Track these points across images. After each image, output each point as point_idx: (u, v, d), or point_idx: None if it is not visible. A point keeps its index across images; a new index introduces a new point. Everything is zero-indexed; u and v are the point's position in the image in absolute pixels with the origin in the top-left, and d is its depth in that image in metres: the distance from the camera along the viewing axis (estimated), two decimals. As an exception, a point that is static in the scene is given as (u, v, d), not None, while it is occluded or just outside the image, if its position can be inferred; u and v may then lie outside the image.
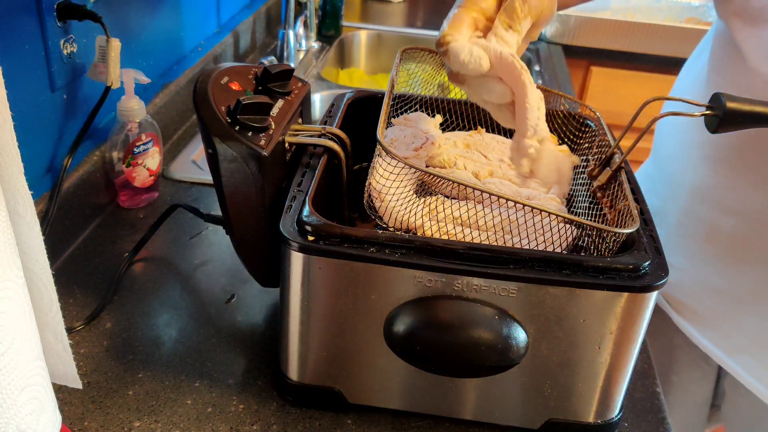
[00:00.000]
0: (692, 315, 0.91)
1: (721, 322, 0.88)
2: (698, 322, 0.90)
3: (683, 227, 0.89)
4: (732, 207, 0.82)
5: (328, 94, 1.49)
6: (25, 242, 0.52)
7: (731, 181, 0.82)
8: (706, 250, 0.87)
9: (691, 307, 0.90)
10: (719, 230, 0.84)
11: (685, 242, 0.89)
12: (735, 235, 0.83)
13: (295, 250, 0.60)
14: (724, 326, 0.88)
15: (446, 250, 0.59)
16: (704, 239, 0.86)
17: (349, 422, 0.68)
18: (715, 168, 0.83)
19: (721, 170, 0.83)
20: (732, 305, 0.86)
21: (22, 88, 0.81)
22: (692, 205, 0.87)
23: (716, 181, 0.83)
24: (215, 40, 1.38)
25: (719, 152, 0.82)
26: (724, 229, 0.84)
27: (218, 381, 0.72)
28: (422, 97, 0.84)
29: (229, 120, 0.64)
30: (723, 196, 0.83)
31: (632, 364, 0.64)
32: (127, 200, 1.00)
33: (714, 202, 0.84)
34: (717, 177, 0.83)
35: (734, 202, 0.82)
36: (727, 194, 0.83)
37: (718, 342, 0.89)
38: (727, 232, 0.84)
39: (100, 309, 0.80)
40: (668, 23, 1.96)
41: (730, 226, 0.83)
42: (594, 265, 0.59)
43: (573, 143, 0.81)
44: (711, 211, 0.85)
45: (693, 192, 0.87)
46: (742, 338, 0.87)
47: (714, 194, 0.84)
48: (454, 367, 0.63)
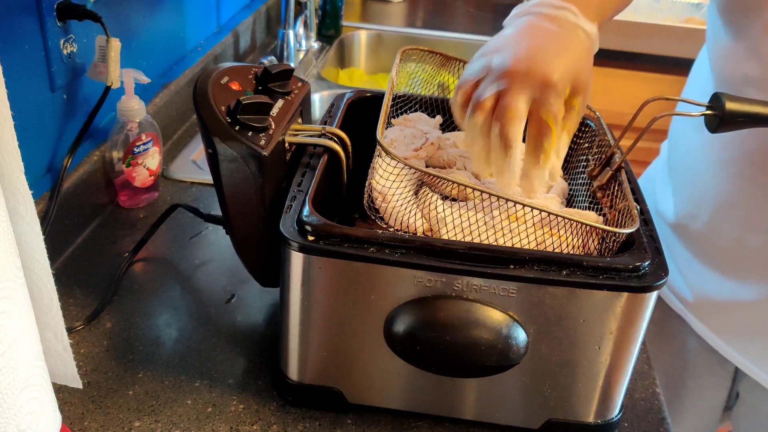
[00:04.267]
0: (715, 321, 0.91)
1: (745, 329, 0.88)
2: (721, 330, 0.90)
3: (708, 241, 0.88)
4: (760, 224, 0.82)
5: (328, 94, 1.49)
6: (26, 242, 0.52)
7: (759, 199, 0.81)
8: (733, 265, 0.86)
9: (714, 315, 0.90)
10: (745, 246, 0.84)
11: (710, 255, 0.89)
12: (762, 250, 0.83)
13: (295, 250, 0.60)
14: (750, 335, 0.88)
15: (446, 250, 0.59)
16: (730, 253, 0.86)
17: (349, 422, 0.68)
18: (742, 185, 0.82)
19: (748, 188, 0.82)
20: (757, 315, 0.86)
21: (22, 88, 0.81)
22: (717, 221, 0.87)
23: (742, 198, 0.83)
24: (215, 40, 1.38)
25: (745, 169, 0.82)
26: (751, 245, 0.83)
27: (218, 381, 0.72)
28: (422, 97, 0.84)
29: (229, 120, 0.64)
30: (750, 213, 0.83)
31: (632, 364, 0.64)
32: (127, 200, 1.00)
33: (741, 218, 0.84)
34: (743, 194, 0.83)
35: (762, 220, 0.82)
36: (755, 211, 0.82)
37: (741, 348, 0.89)
38: (754, 247, 0.83)
39: (100, 309, 0.80)
40: (668, 23, 1.96)
41: (759, 242, 0.83)
42: (594, 265, 0.59)
43: (573, 143, 0.81)
44: (738, 227, 0.84)
45: (718, 208, 0.86)
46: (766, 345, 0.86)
47: (740, 210, 0.84)
48: (454, 367, 0.63)
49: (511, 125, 0.59)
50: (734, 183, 0.83)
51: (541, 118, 0.60)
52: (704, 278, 0.90)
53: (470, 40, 1.81)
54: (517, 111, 0.59)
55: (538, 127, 0.60)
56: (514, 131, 0.60)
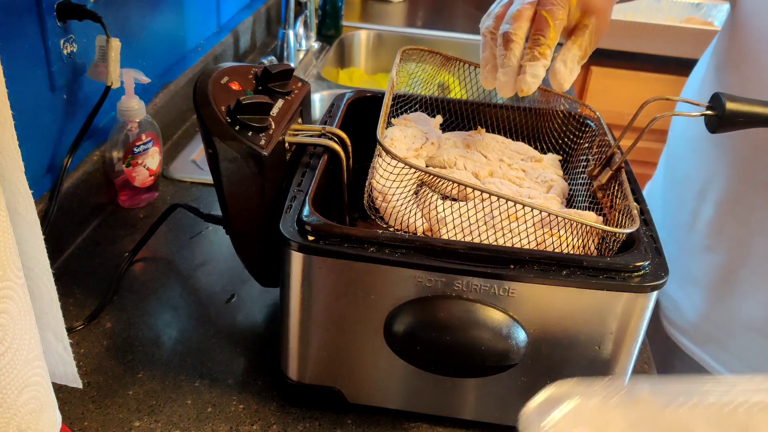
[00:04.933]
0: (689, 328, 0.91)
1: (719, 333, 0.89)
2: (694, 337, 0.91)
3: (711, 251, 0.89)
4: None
5: (328, 94, 1.49)
6: (26, 242, 0.52)
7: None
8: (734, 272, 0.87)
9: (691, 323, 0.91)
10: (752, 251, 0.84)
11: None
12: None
13: (295, 250, 0.60)
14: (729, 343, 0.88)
15: (446, 250, 0.59)
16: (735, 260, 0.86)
17: (349, 422, 0.68)
18: (746, 191, 0.83)
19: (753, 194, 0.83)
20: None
21: (23, 87, 0.81)
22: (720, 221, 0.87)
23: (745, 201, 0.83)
24: (215, 40, 1.38)
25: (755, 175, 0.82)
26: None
27: (218, 381, 0.72)
28: (422, 97, 0.84)
29: (229, 120, 0.64)
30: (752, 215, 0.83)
31: (632, 364, 0.64)
32: (127, 200, 1.00)
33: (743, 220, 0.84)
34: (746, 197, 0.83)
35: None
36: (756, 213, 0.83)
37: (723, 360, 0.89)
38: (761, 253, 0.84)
39: (100, 309, 0.80)
40: (668, 23, 1.96)
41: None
42: (594, 265, 0.59)
43: (573, 143, 0.81)
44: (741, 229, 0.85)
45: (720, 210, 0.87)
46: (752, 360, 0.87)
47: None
48: (454, 367, 0.63)
49: (513, 23, 0.66)
50: (737, 187, 0.84)
51: (540, 15, 0.66)
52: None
53: (470, 40, 1.81)
54: (520, 12, 0.66)
55: (537, 24, 0.66)
56: (515, 27, 0.66)
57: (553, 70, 0.67)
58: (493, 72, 0.68)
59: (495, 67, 0.68)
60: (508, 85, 0.67)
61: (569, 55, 0.67)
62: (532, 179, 0.75)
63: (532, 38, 0.66)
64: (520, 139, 0.83)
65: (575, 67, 0.68)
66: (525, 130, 0.84)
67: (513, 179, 0.74)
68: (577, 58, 0.67)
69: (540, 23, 0.65)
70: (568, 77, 0.67)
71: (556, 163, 0.79)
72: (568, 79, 0.67)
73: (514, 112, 0.84)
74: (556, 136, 0.82)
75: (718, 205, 0.86)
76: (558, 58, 0.67)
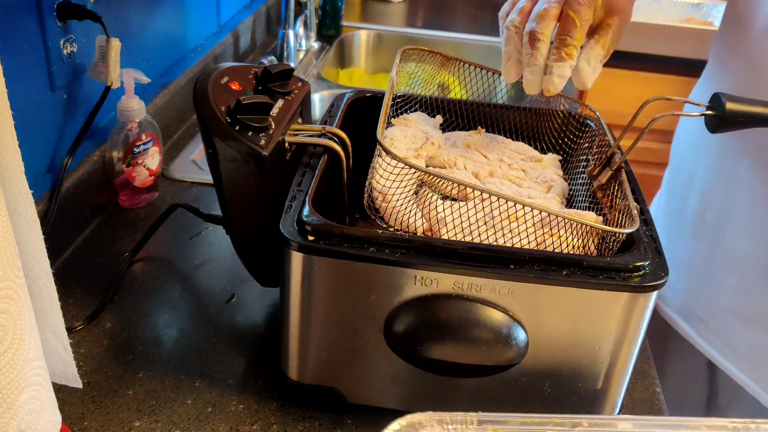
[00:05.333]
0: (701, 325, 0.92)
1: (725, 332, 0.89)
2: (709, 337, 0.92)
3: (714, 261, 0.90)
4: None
5: (328, 94, 1.49)
6: (26, 242, 0.52)
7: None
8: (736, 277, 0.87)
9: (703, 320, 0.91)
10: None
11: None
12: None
13: (295, 250, 0.60)
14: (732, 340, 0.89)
15: (446, 250, 0.59)
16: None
17: (349, 422, 0.68)
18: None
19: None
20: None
21: (23, 87, 0.81)
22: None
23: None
24: (215, 40, 1.38)
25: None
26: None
27: (218, 381, 0.72)
28: (422, 97, 0.84)
29: (229, 120, 0.64)
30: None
31: (632, 364, 0.64)
32: (127, 200, 1.00)
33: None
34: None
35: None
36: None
37: (725, 353, 0.90)
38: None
39: (100, 309, 0.80)
40: (668, 23, 1.96)
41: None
42: (594, 265, 0.59)
43: (573, 143, 0.81)
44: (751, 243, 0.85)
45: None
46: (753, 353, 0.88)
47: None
48: (454, 368, 0.63)
49: (540, 22, 0.66)
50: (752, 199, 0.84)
51: (567, 15, 0.65)
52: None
53: (470, 40, 1.81)
54: (547, 11, 0.66)
55: (563, 24, 0.66)
56: (542, 26, 0.65)
57: (577, 70, 0.67)
58: (516, 66, 0.69)
59: (517, 62, 0.68)
60: (534, 84, 0.67)
61: (593, 54, 0.67)
62: (532, 179, 0.75)
63: (559, 38, 0.66)
64: (520, 139, 0.83)
65: (598, 66, 0.68)
66: (525, 130, 0.84)
67: (513, 179, 0.74)
68: (600, 57, 0.68)
69: (567, 23, 0.65)
70: (591, 76, 0.67)
71: (556, 163, 0.79)
72: (592, 78, 0.67)
73: (514, 112, 0.84)
74: (556, 136, 0.82)
75: (701, 193, 0.89)
76: (582, 58, 0.67)
